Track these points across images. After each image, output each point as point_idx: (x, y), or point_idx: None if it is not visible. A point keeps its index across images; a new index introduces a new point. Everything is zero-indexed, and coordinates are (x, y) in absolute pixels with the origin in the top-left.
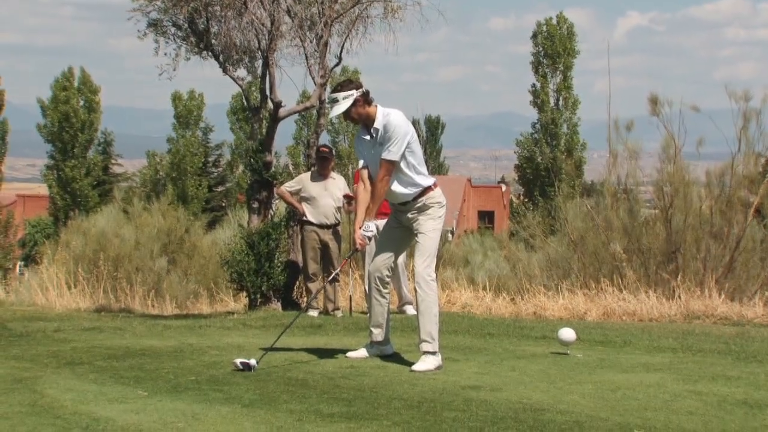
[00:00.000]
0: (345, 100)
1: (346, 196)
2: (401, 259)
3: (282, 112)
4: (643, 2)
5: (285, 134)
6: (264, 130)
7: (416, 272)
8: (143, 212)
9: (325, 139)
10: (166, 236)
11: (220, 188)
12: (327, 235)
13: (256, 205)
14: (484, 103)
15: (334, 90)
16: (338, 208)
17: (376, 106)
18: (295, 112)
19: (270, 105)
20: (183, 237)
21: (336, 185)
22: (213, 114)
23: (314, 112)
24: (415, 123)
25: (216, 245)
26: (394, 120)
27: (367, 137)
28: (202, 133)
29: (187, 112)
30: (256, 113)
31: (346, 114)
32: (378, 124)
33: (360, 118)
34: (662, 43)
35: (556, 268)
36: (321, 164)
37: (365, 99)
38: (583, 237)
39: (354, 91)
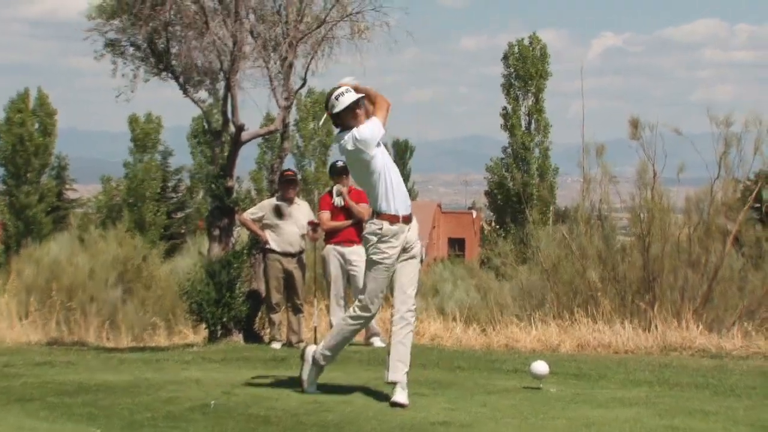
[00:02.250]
0: (355, 95)
1: (310, 223)
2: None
3: (244, 135)
4: (618, 23)
5: (247, 159)
6: (225, 155)
7: (410, 302)
8: (99, 239)
9: (289, 163)
10: (123, 265)
11: (179, 215)
12: (291, 264)
13: (216, 232)
14: (456, 126)
15: (332, 92)
16: (303, 236)
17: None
18: (258, 136)
19: (232, 128)
20: (140, 266)
21: (300, 211)
22: (172, 137)
23: (278, 135)
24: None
25: (175, 274)
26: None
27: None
28: (161, 157)
29: (144, 135)
30: (217, 137)
31: (356, 104)
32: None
33: (361, 121)
34: (638, 64)
35: (529, 298)
36: (285, 189)
37: (365, 109)
38: (556, 265)
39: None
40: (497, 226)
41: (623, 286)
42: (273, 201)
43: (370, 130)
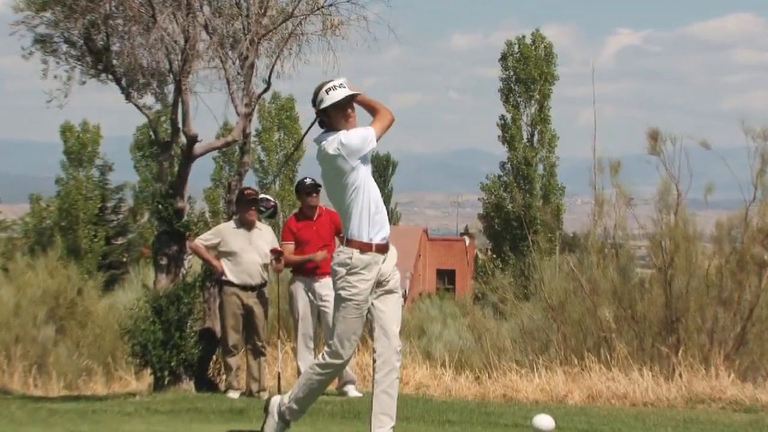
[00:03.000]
0: (350, 91)
1: (273, 251)
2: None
3: (198, 148)
4: (636, 18)
5: (201, 175)
6: (175, 170)
7: (394, 343)
8: (26, 269)
9: (250, 181)
10: (54, 299)
11: (120, 240)
12: (251, 299)
13: (164, 261)
14: (445, 137)
15: (323, 84)
16: (265, 266)
17: None
18: (214, 149)
19: (183, 139)
20: (74, 300)
21: (262, 238)
22: (112, 149)
23: (237, 148)
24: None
25: (115, 311)
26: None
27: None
28: (99, 172)
29: (80, 147)
30: (165, 149)
31: (348, 102)
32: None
33: (353, 123)
34: (658, 66)
35: (531, 340)
36: (245, 211)
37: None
38: (563, 302)
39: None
40: (494, 256)
41: (642, 327)
42: (230, 225)
43: (360, 138)
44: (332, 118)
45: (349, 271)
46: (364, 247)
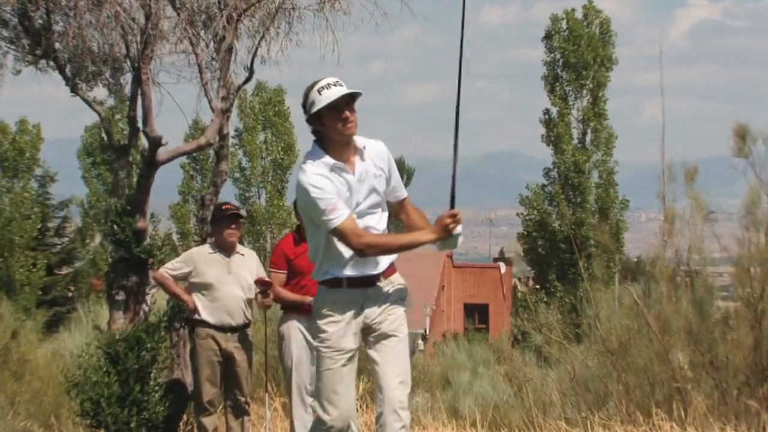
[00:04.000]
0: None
1: (259, 282)
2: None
3: (162, 153)
4: None
5: (167, 187)
6: (134, 181)
7: (392, 400)
8: None
9: (229, 193)
10: None
11: (64, 270)
12: (231, 343)
13: (121, 296)
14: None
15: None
16: (248, 301)
17: None
18: (182, 154)
19: (144, 142)
20: (8, 346)
21: (245, 265)
22: (55, 155)
23: (212, 152)
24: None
25: (59, 359)
26: (380, 142)
27: (350, 174)
28: (39, 184)
29: (14, 152)
30: (122, 155)
31: (351, 107)
32: (362, 144)
33: (355, 124)
34: (742, 46)
35: (585, 392)
36: (222, 231)
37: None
38: (625, 344)
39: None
40: (537, 287)
41: (724, 375)
42: (205, 249)
43: (307, 203)
44: (327, 124)
45: (317, 312)
46: (332, 283)
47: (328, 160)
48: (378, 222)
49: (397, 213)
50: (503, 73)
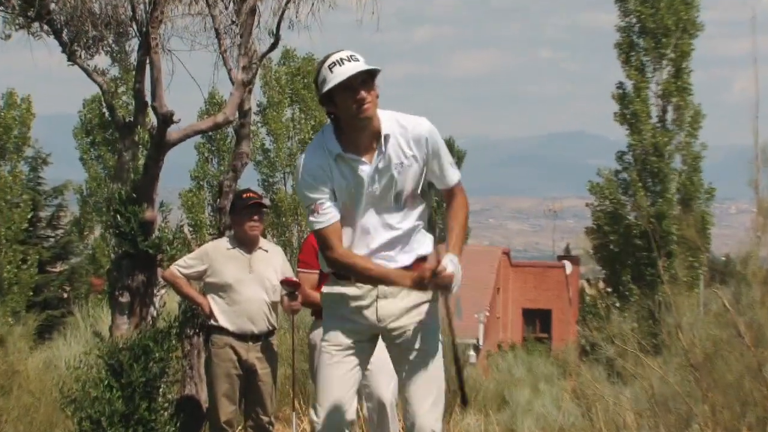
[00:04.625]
0: (366, 64)
1: (286, 283)
2: (391, 392)
3: (174, 132)
4: None
5: (178, 171)
6: (140, 164)
7: (423, 427)
8: None
9: (250, 179)
10: None
11: (59, 267)
12: (253, 353)
13: (125, 298)
14: (535, 116)
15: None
16: (273, 305)
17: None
18: (196, 133)
19: (152, 119)
20: None
21: (269, 263)
22: (49, 133)
23: (231, 131)
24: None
25: (53, 370)
26: (424, 121)
27: (364, 164)
28: (29, 167)
29: (1, 131)
30: (126, 133)
31: (367, 85)
32: (389, 129)
33: (373, 105)
34: None
35: (665, 413)
36: (243, 224)
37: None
38: (711, 357)
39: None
40: (608, 290)
41: None
42: (222, 245)
43: (302, 194)
44: (339, 105)
45: (322, 304)
46: (326, 278)
47: (334, 147)
48: (401, 220)
49: (446, 200)
50: (570, 40)
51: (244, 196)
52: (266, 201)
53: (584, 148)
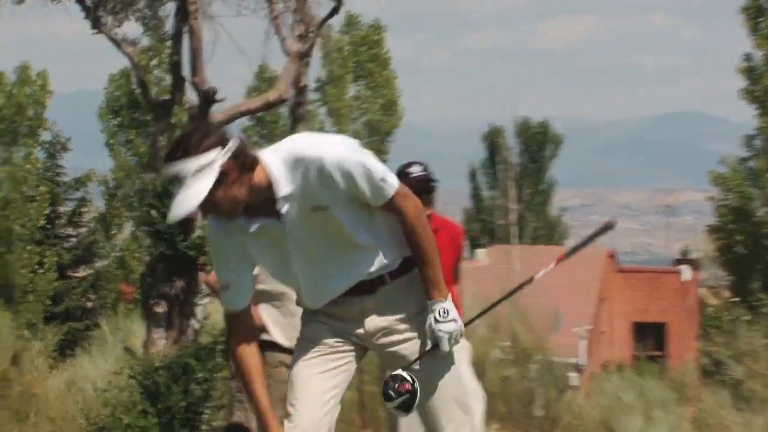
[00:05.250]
0: (201, 175)
1: None
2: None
3: (218, 112)
4: None
5: None
6: None
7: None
8: None
9: None
10: None
11: (81, 271)
12: None
13: (161, 308)
14: (644, 94)
15: (171, 155)
16: None
17: (261, 163)
18: (244, 114)
19: (193, 97)
20: (7, 374)
21: None
22: (69, 115)
23: (285, 111)
24: (496, 135)
25: (76, 392)
26: (328, 150)
27: (264, 222)
28: (47, 153)
29: (12, 111)
30: (162, 114)
31: (209, 205)
32: (288, 186)
33: (238, 203)
34: None
35: None
36: None
37: (242, 161)
38: None
39: (215, 151)
40: (734, 299)
41: None
42: None
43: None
44: None
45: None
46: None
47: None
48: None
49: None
50: (687, 5)
51: None
52: None
53: (703, 131)
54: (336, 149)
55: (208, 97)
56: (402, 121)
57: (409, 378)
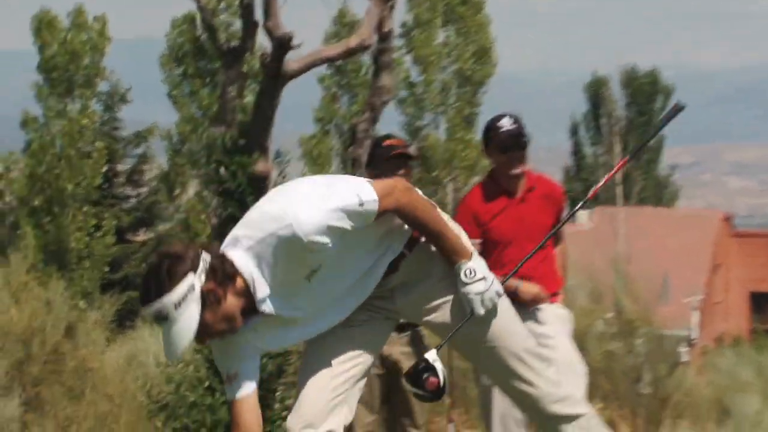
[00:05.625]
0: (184, 306)
1: None
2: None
3: (293, 61)
4: None
5: (298, 111)
6: (250, 102)
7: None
8: None
9: (391, 123)
10: (21, 347)
11: (142, 235)
12: (397, 348)
13: None
14: (763, 37)
15: (146, 296)
16: None
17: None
18: (322, 62)
19: (265, 44)
20: (60, 348)
21: None
22: (128, 64)
23: (367, 59)
24: (600, 86)
25: (136, 367)
26: (297, 222)
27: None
28: (104, 106)
29: (66, 59)
30: (231, 62)
31: (205, 331)
32: (266, 287)
33: (233, 317)
34: None
35: None
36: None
37: (219, 275)
38: None
39: (190, 276)
40: None
41: None
42: None
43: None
44: None
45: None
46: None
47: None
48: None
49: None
50: None
51: (385, 144)
52: (413, 150)
53: None
54: (304, 217)
55: (282, 44)
56: (495, 70)
57: (440, 373)
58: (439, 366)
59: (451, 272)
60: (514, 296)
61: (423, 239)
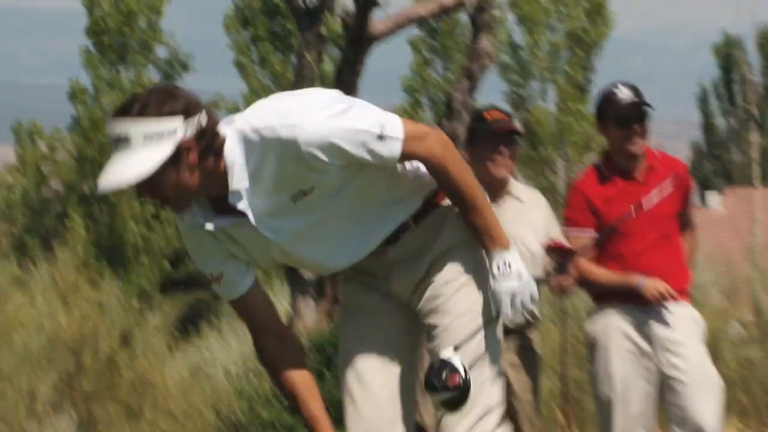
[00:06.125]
0: (152, 144)
1: (553, 249)
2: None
3: (380, 21)
4: None
5: (386, 78)
6: (330, 69)
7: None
8: (10, 289)
9: (493, 92)
10: (71, 356)
11: None
12: (507, 353)
13: (310, 273)
14: None
15: (123, 109)
16: (538, 282)
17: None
18: (412, 23)
19: (346, 3)
20: (115, 357)
21: (525, 218)
22: (189, 26)
23: (464, 18)
24: (733, 48)
25: (202, 380)
26: (301, 127)
27: (228, 222)
28: (161, 74)
29: (120, 21)
30: (308, 24)
31: (150, 185)
32: (245, 179)
33: (186, 194)
34: None
35: None
36: (488, 157)
37: (207, 142)
38: None
39: (178, 120)
40: None
41: None
42: None
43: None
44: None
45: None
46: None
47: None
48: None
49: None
50: None
51: (487, 117)
52: (518, 125)
53: None
54: (310, 122)
55: (366, 2)
56: (611, 31)
57: (461, 366)
58: (456, 360)
59: (471, 257)
60: (636, 293)
61: (439, 210)
